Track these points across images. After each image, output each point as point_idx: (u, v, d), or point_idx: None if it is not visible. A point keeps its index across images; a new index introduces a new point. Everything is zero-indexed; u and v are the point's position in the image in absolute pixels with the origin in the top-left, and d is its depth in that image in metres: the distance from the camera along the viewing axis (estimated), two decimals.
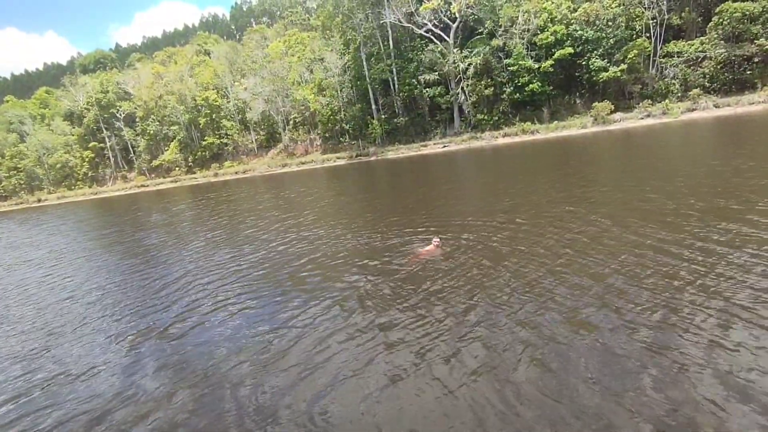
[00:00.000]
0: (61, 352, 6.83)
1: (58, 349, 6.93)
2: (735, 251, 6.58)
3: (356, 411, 4.34)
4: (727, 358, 4.25)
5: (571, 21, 40.03)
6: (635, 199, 10.66)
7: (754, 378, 3.93)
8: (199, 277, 9.80)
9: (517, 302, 6.04)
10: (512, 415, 3.92)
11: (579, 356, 4.61)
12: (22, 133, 74.94)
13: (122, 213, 30.83)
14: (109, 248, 16.15)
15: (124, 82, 69.80)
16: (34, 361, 6.63)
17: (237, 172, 56.34)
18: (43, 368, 6.34)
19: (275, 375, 5.22)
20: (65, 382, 5.82)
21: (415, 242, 9.76)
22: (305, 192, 24.59)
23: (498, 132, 41.81)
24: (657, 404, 3.79)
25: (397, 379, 4.72)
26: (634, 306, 5.45)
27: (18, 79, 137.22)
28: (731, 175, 11.59)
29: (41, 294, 10.60)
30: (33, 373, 6.22)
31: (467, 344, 5.18)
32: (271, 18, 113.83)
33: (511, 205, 12.33)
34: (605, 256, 7.19)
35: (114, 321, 7.84)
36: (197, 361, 5.91)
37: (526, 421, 3.82)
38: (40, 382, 5.92)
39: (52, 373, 6.13)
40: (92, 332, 7.47)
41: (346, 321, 6.34)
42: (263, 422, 4.41)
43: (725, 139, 21.56)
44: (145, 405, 4.98)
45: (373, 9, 46.61)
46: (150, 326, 7.30)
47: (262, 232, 13.73)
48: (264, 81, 57.05)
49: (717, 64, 35.27)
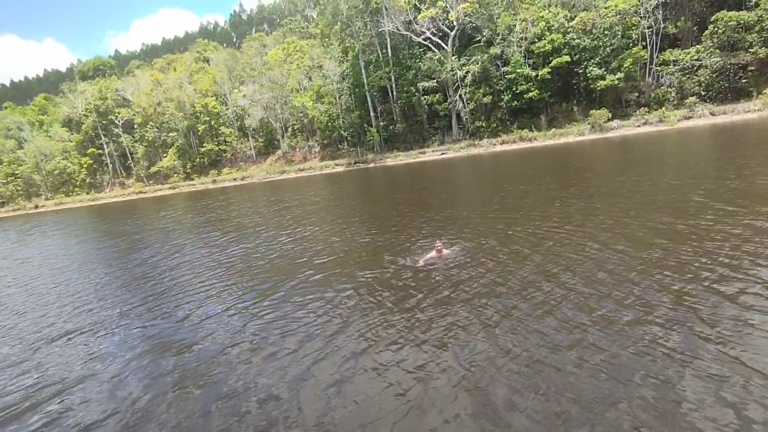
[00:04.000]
0: (51, 359, 6.72)
1: (48, 357, 6.82)
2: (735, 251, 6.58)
3: (355, 415, 4.41)
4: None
5: (568, 29, 40.41)
6: (634, 206, 10.61)
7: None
8: (199, 278, 9.83)
9: (520, 308, 6.02)
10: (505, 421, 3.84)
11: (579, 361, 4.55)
12: (20, 140, 74.85)
13: (122, 218, 30.67)
14: (109, 256, 16.04)
15: (123, 89, 69.87)
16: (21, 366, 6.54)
17: (235, 178, 56.30)
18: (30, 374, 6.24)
19: (272, 375, 5.29)
20: (65, 386, 5.72)
21: (416, 248, 9.75)
22: (304, 198, 24.51)
23: (496, 139, 41.98)
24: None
25: (400, 383, 4.74)
26: (625, 308, 5.40)
27: (17, 85, 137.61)
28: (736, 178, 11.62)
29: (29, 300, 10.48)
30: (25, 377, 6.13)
31: (465, 350, 5.19)
32: (270, 26, 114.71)
33: (510, 211, 12.30)
34: (603, 260, 7.15)
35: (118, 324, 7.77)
36: (197, 360, 5.99)
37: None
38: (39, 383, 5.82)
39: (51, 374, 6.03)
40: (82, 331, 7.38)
41: (352, 325, 6.42)
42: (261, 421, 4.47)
43: (723, 146, 21.63)
44: (134, 413, 4.90)
45: (371, 17, 46.96)
46: (154, 328, 7.24)
47: (259, 236, 13.62)
48: (263, 88, 57.24)
49: (712, 73, 35.57)
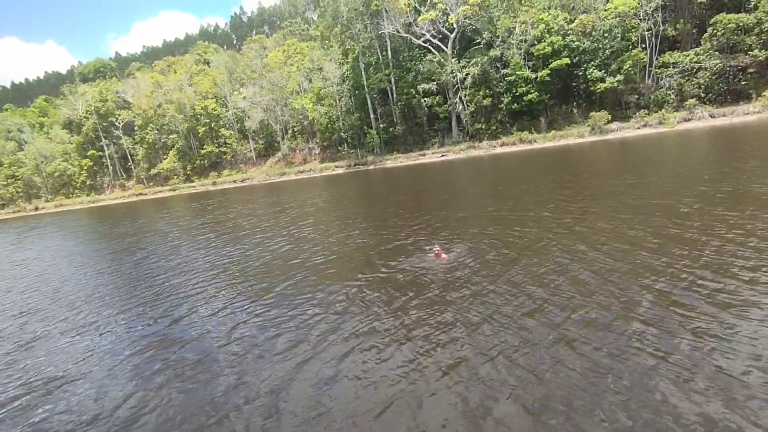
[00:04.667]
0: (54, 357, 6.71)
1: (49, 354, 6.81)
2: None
3: (342, 411, 4.51)
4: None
5: (568, 32, 40.47)
6: (627, 209, 10.60)
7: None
8: (194, 279, 9.90)
9: (516, 310, 6.00)
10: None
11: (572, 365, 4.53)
12: (20, 142, 74.91)
13: (121, 220, 30.64)
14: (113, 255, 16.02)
15: (124, 91, 69.97)
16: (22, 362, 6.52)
17: (235, 180, 56.32)
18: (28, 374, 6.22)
19: (262, 374, 5.39)
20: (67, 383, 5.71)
21: (414, 250, 9.74)
22: (302, 200, 24.48)
23: (496, 141, 41.99)
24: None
25: (396, 381, 4.76)
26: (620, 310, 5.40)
27: (17, 87, 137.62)
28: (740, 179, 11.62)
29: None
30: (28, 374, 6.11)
31: (461, 352, 5.21)
32: (271, 28, 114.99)
33: (509, 213, 12.28)
34: (602, 263, 7.14)
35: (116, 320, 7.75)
36: (190, 358, 6.06)
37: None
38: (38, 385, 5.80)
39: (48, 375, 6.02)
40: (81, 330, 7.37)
41: (341, 326, 6.49)
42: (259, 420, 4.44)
43: (722, 148, 21.61)
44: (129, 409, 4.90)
45: (371, 19, 47.02)
46: (153, 324, 7.24)
47: (256, 238, 13.62)
48: (263, 90, 57.30)
49: (712, 75, 35.61)
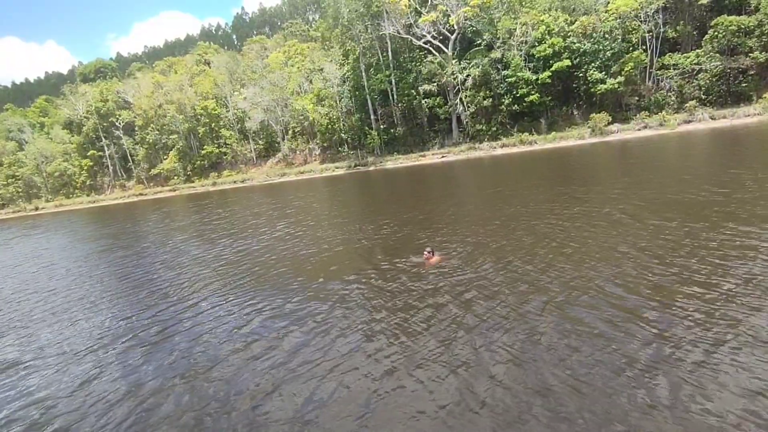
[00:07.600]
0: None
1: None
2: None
3: (337, 410, 4.57)
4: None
5: (569, 33, 40.49)
6: (633, 210, 10.57)
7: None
8: (192, 280, 9.90)
9: (508, 315, 5.99)
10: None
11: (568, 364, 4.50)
12: (20, 142, 74.96)
13: (121, 220, 30.64)
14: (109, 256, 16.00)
15: (124, 91, 70.01)
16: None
17: (235, 181, 56.30)
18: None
19: (258, 374, 5.48)
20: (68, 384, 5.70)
21: (408, 252, 9.77)
22: (302, 201, 24.49)
23: (496, 142, 42.00)
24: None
25: (385, 383, 4.73)
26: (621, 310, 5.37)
27: (18, 87, 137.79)
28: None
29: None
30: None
31: (450, 356, 5.23)
32: (272, 29, 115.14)
33: (508, 214, 12.29)
34: (600, 264, 7.12)
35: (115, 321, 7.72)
36: (196, 359, 6.12)
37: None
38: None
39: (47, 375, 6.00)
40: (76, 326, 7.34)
41: (333, 325, 6.56)
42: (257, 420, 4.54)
43: (722, 150, 21.61)
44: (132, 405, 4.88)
45: (372, 20, 47.04)
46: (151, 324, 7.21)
47: (254, 238, 13.59)
48: (263, 91, 57.31)
49: (712, 77, 35.63)
